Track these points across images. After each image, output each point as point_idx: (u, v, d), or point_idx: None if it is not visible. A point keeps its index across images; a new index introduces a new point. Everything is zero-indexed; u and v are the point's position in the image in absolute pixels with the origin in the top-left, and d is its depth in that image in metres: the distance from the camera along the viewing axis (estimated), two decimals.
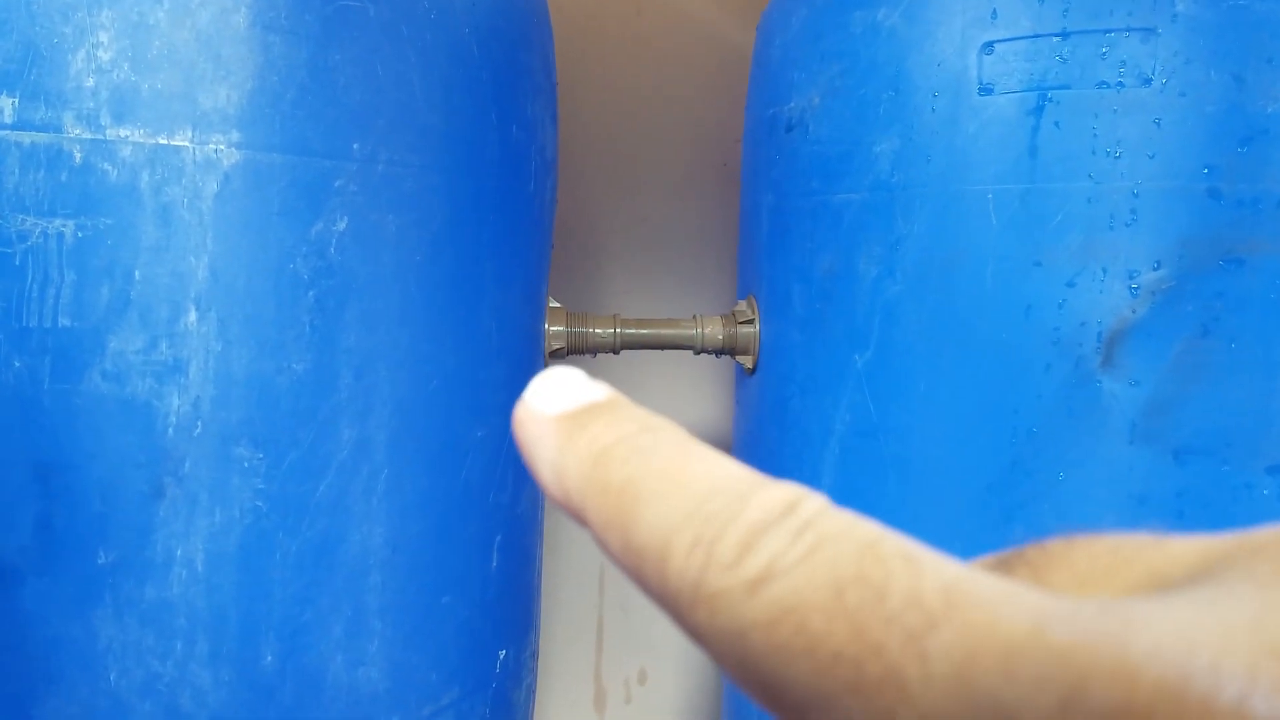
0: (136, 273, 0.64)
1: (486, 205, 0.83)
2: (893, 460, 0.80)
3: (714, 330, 1.02)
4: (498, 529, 0.87)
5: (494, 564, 0.88)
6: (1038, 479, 0.73)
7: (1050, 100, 0.71)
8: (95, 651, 0.67)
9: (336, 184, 0.69)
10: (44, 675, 0.66)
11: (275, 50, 0.65)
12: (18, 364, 0.63)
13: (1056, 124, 0.71)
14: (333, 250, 0.70)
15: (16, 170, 0.61)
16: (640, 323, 1.03)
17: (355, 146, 0.70)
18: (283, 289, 0.68)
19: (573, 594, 1.53)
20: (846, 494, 0.83)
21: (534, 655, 1.01)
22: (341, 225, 0.70)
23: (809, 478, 0.87)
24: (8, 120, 0.61)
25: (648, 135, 1.47)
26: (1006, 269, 0.73)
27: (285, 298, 0.68)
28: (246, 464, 0.68)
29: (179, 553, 0.67)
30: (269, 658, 0.70)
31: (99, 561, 0.66)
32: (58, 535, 0.65)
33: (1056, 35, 0.70)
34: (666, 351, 1.06)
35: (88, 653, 0.67)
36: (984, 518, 0.75)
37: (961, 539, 0.75)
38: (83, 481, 0.65)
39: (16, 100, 0.61)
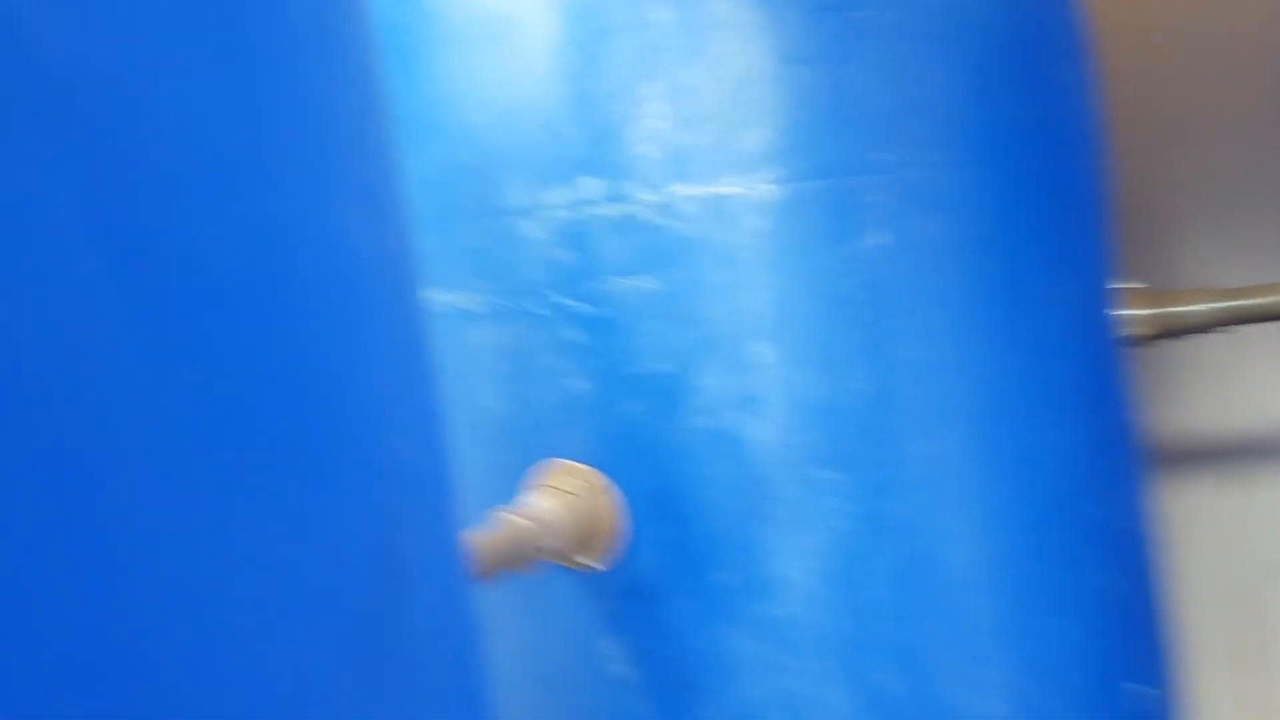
0: (711, 314, 0.68)
1: (1028, 188, 0.75)
2: None
3: None
4: (1095, 543, 0.76)
5: (1099, 582, 0.76)
6: None
7: None
8: (727, 665, 0.71)
9: (870, 198, 0.67)
10: (690, 684, 0.72)
11: (798, 80, 0.66)
12: (631, 407, 0.70)
13: None
14: (875, 264, 0.68)
15: (604, 239, 0.69)
16: (1238, 293, 0.85)
17: (885, 156, 0.68)
18: (834, 310, 0.68)
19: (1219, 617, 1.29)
20: None
21: (1175, 688, 0.86)
22: (881, 238, 0.68)
23: None
24: (590, 196, 0.70)
25: (1205, 76, 1.23)
26: None
27: (837, 319, 0.68)
28: (830, 485, 0.68)
29: (784, 571, 0.69)
30: (886, 678, 0.69)
31: (718, 580, 0.70)
32: (682, 556, 0.71)
33: None
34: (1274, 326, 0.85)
35: (722, 665, 0.71)
36: None
37: None
38: (694, 507, 0.70)
39: (594, 180, 0.69)
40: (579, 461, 0.74)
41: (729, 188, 0.67)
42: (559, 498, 0.73)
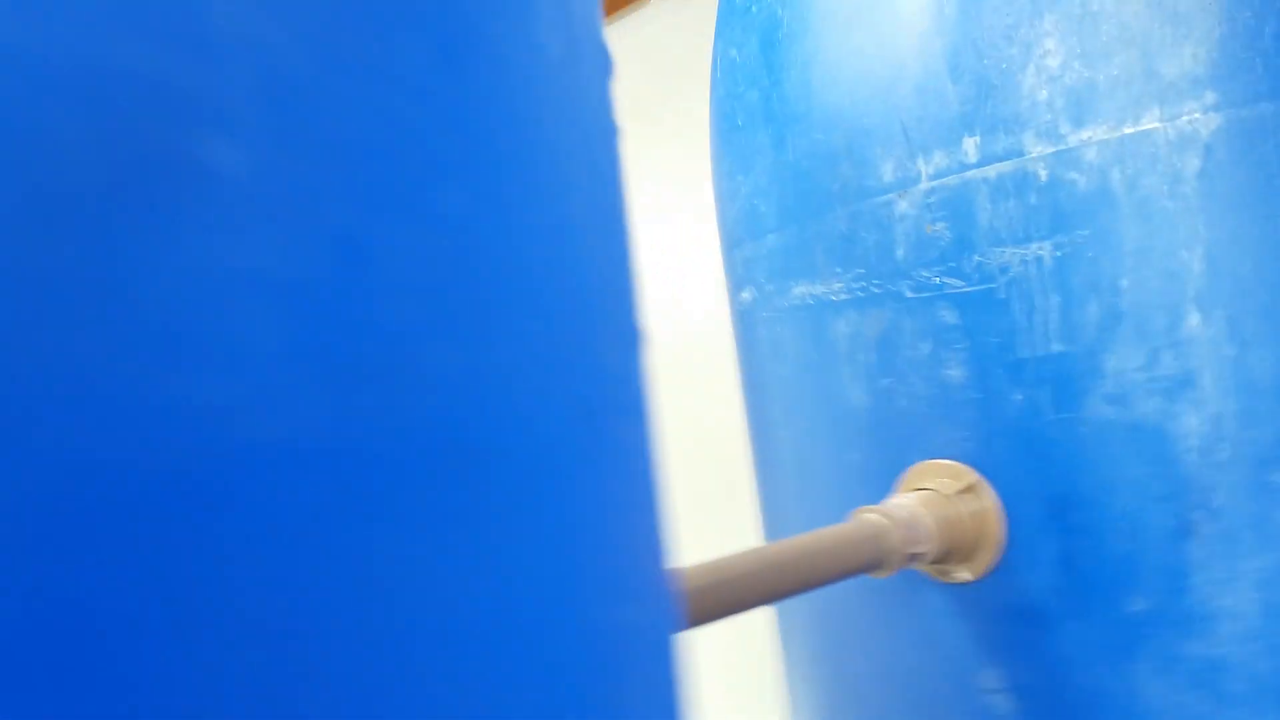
0: (1123, 281, 0.55)
1: None
2: None
3: None
4: None
5: None
6: None
7: None
8: (1138, 709, 0.58)
9: None
10: None
11: None
12: (1019, 397, 0.59)
13: None
14: None
15: (988, 205, 0.59)
16: None
17: None
18: None
19: None
20: None
21: None
22: None
23: None
24: (971, 160, 0.60)
25: None
26: None
27: None
28: None
29: (1225, 602, 0.54)
30: None
31: (1131, 608, 0.57)
32: (1084, 575, 0.59)
33: None
34: None
35: (1134, 711, 0.58)
36: None
37: None
38: (1102, 517, 0.57)
39: (978, 138, 0.60)
40: (956, 460, 0.65)
41: (1147, 124, 0.54)
42: (929, 499, 0.64)
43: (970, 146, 0.60)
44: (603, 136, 0.30)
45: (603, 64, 0.31)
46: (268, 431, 0.17)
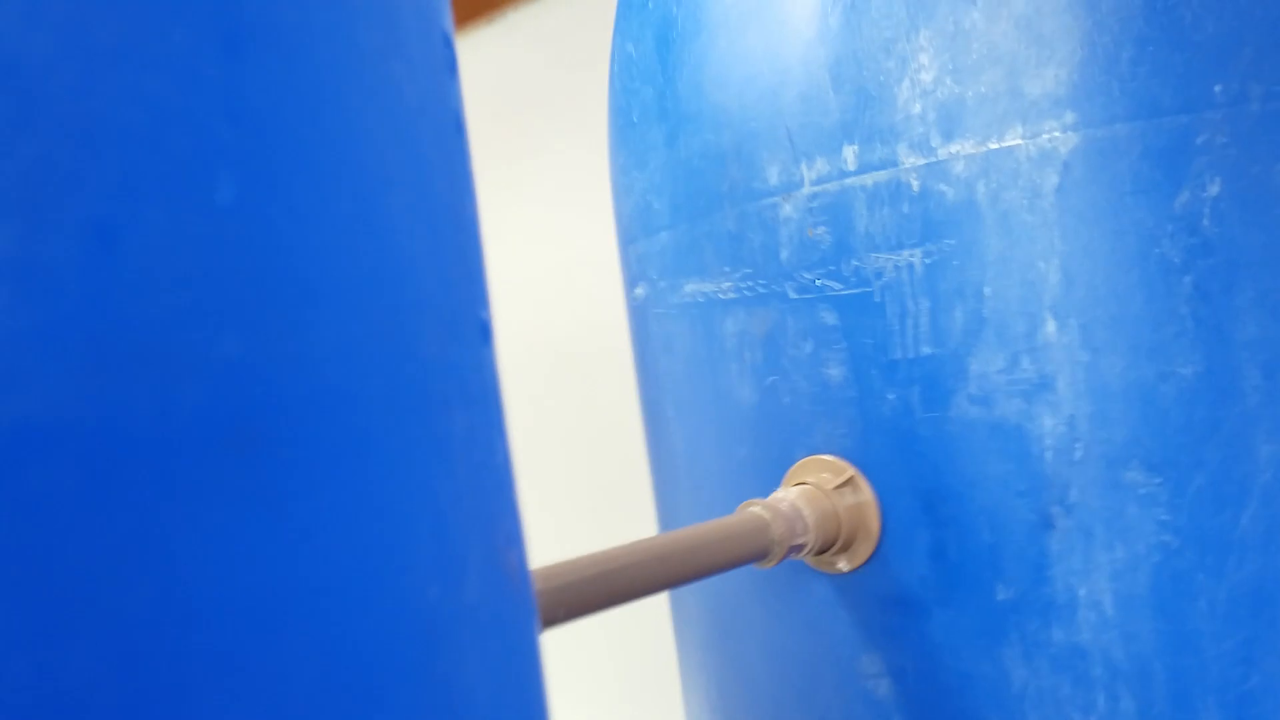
0: (986, 289, 0.58)
1: None
2: None
3: None
4: None
5: None
6: None
7: None
8: (1010, 694, 0.61)
9: (1200, 140, 0.54)
10: (962, 711, 0.62)
11: (1102, 6, 0.54)
12: (891, 396, 0.61)
13: None
14: (1206, 222, 0.54)
15: (865, 212, 0.61)
16: None
17: (1217, 89, 0.54)
18: (1151, 280, 0.55)
19: None
20: None
21: None
22: (1214, 189, 0.54)
23: None
24: (850, 167, 0.62)
25: None
26: None
27: (1156, 290, 0.55)
28: (1142, 491, 0.56)
29: (1082, 592, 0.58)
30: None
31: (998, 596, 0.60)
32: (953, 566, 0.61)
33: None
34: None
35: (1002, 694, 0.61)
36: None
37: None
38: (969, 510, 0.60)
39: (856, 147, 0.61)
40: (836, 456, 0.67)
41: (1010, 140, 0.56)
42: (810, 494, 0.66)
43: (850, 155, 0.62)
44: (435, 130, 0.29)
45: (441, 57, 0.31)
46: (10, 411, 0.18)
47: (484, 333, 0.31)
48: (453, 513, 0.28)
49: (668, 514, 0.85)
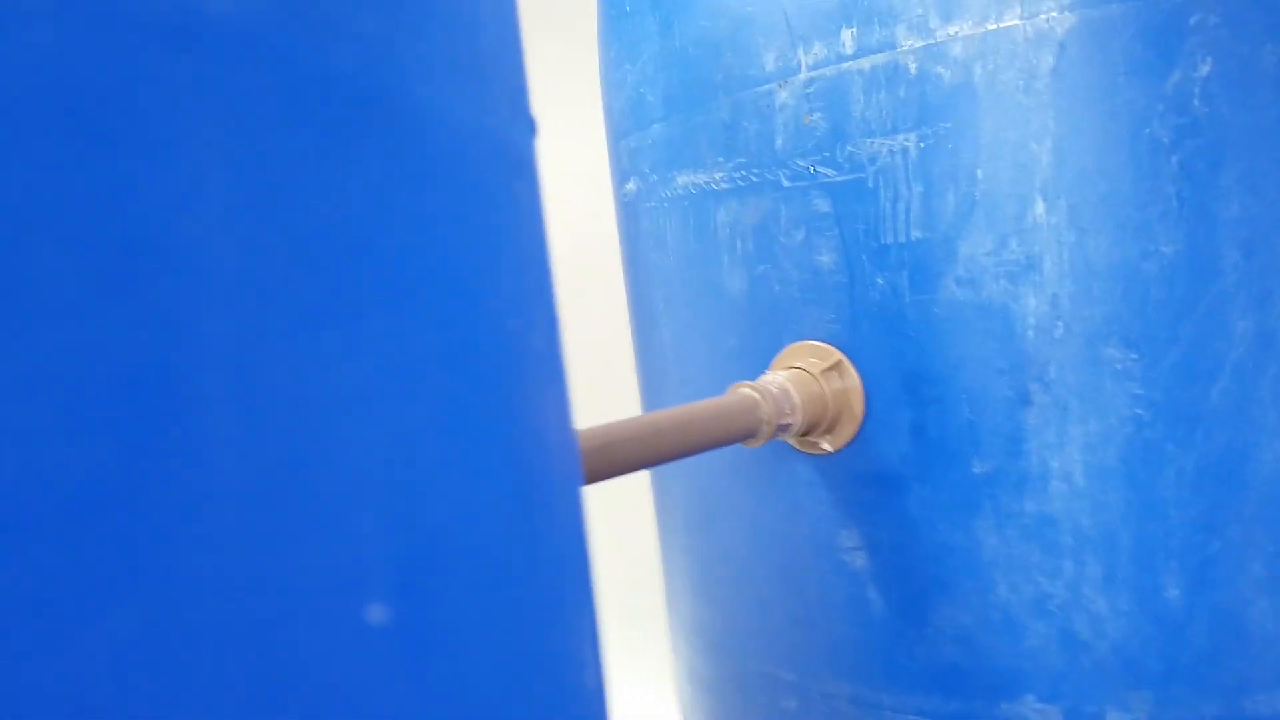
0: (979, 172, 0.57)
1: None
2: None
3: None
4: None
5: None
6: None
7: None
8: (982, 562, 0.63)
9: (1193, 20, 0.53)
10: (935, 580, 0.65)
11: None
12: (880, 281, 0.62)
13: None
14: (1196, 102, 0.54)
15: (861, 97, 0.60)
16: None
17: None
18: (1139, 159, 0.55)
19: None
20: None
21: None
22: (1205, 69, 0.54)
23: None
24: (848, 51, 0.61)
25: None
26: None
27: (1144, 169, 0.55)
28: (1119, 366, 0.57)
29: (1055, 465, 0.59)
30: (1173, 591, 0.57)
31: (974, 470, 0.62)
32: (932, 443, 0.63)
33: None
34: None
35: (974, 563, 0.63)
36: None
37: None
38: (950, 390, 0.61)
39: (855, 29, 0.60)
40: (824, 341, 0.67)
41: (1009, 20, 0.56)
42: (797, 377, 0.67)
43: (848, 38, 0.61)
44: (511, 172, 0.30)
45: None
46: None
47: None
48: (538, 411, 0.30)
49: (654, 408, 0.86)
